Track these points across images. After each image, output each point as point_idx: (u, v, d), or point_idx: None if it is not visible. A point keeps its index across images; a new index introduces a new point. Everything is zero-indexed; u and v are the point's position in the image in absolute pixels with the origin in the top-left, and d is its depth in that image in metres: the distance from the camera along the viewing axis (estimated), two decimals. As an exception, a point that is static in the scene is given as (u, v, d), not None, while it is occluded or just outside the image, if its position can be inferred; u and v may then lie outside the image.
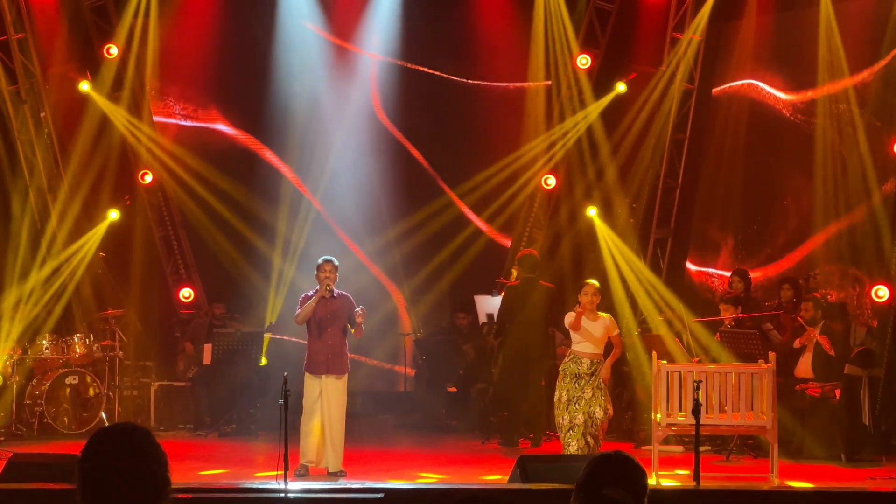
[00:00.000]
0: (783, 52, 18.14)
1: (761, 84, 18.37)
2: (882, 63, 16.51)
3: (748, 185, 18.35)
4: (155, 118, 19.06)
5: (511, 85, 19.75)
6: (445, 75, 19.81)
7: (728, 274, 17.12)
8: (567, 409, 13.13)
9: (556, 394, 13.32)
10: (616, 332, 13.44)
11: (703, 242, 18.82)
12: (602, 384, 13.17)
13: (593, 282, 13.55)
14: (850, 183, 16.71)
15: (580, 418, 13.02)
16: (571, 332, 13.45)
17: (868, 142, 16.52)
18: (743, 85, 18.56)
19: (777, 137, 18.27)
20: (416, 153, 19.74)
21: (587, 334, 13.25)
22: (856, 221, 16.69)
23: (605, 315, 13.44)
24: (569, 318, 13.39)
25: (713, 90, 18.81)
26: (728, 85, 18.75)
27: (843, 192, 16.81)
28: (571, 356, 13.37)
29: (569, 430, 13.08)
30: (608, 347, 13.39)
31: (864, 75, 16.76)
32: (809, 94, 17.70)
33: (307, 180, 19.22)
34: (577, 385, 13.14)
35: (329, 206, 19.20)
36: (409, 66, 19.61)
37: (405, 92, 19.51)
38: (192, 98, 19.58)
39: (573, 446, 13.04)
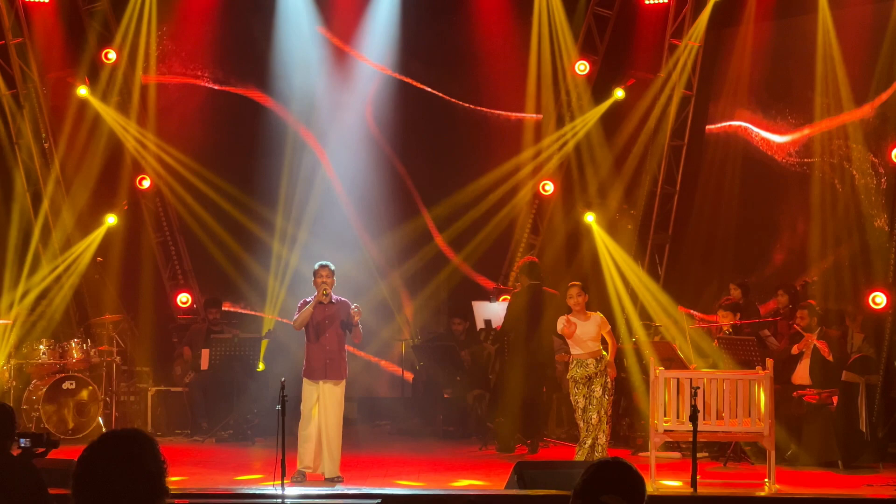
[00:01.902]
0: (780, 63, 18.16)
1: (752, 127, 18.48)
2: (881, 98, 16.53)
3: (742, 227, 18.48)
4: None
5: (512, 115, 19.75)
6: (437, 93, 19.84)
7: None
8: (584, 413, 13.47)
9: (573, 401, 13.63)
10: (608, 328, 13.76)
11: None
12: (609, 383, 13.52)
13: (576, 283, 13.91)
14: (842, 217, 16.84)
15: (594, 418, 13.38)
16: (568, 340, 13.64)
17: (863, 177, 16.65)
18: (734, 127, 18.68)
19: (771, 180, 18.37)
20: (401, 169, 19.68)
21: (583, 336, 13.53)
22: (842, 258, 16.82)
23: (595, 313, 13.75)
24: (560, 325, 13.64)
25: (706, 128, 18.92)
26: (720, 125, 18.84)
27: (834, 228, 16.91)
28: (575, 362, 13.59)
29: (585, 431, 13.46)
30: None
31: (865, 110, 16.77)
32: (806, 132, 17.79)
33: (302, 181, 19.17)
34: (589, 388, 13.48)
35: (327, 205, 19.17)
36: (403, 78, 19.60)
37: (400, 106, 19.48)
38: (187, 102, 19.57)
39: (587, 443, 13.38)
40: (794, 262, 17.66)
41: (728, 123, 18.88)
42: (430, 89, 19.82)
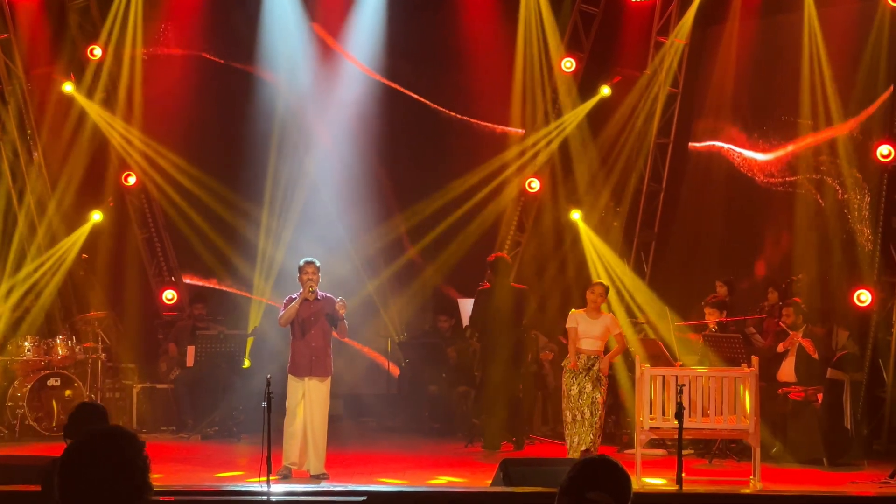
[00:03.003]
0: (765, 73, 18.19)
1: (735, 147, 18.54)
2: (866, 113, 16.57)
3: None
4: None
5: (497, 128, 19.75)
6: (424, 100, 19.87)
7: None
8: (573, 404, 13.72)
9: (563, 390, 13.94)
10: (618, 330, 14.09)
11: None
12: (602, 377, 13.78)
13: (602, 282, 14.40)
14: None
15: (587, 412, 13.65)
16: (573, 331, 13.98)
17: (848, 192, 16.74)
18: (717, 147, 18.76)
19: (755, 199, 18.46)
20: (386, 168, 19.66)
21: (585, 334, 13.90)
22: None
23: (607, 314, 14.12)
24: (569, 319, 14.07)
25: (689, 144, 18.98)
26: (704, 143, 18.90)
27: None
28: (578, 355, 13.92)
29: (572, 424, 13.71)
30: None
31: (851, 124, 16.78)
32: (790, 148, 17.84)
33: (288, 178, 19.15)
34: (574, 381, 13.78)
35: (313, 202, 19.15)
36: (391, 84, 19.60)
37: (385, 107, 19.47)
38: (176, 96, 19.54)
39: (575, 440, 13.64)
40: (781, 265, 17.67)
41: (711, 143, 18.94)
42: (416, 96, 19.82)
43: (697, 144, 19.07)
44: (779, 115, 18.09)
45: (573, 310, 14.15)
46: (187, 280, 19.53)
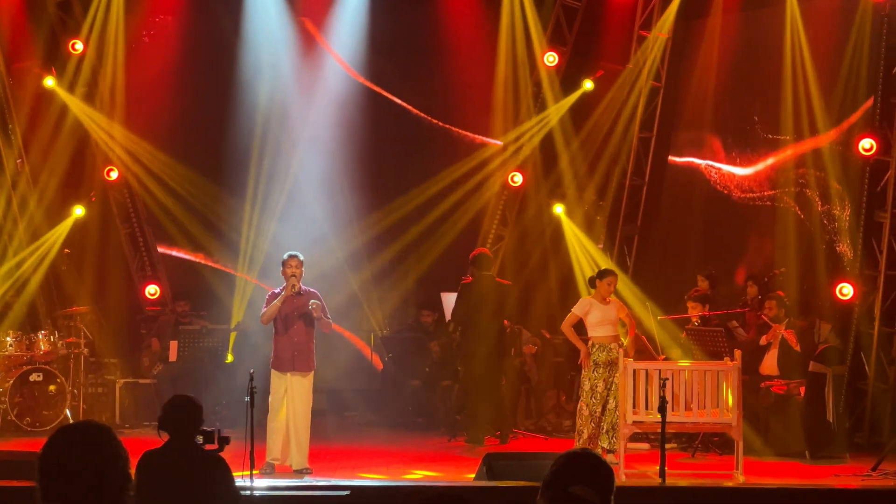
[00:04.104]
0: (747, 58, 18.23)
1: (714, 163, 18.60)
2: (848, 122, 16.59)
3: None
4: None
5: (477, 138, 19.73)
6: (407, 106, 19.87)
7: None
8: (602, 398, 13.74)
9: (588, 384, 13.87)
10: (626, 311, 14.37)
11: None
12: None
13: (613, 270, 14.62)
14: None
15: (612, 404, 13.72)
16: (585, 319, 14.11)
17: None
18: (696, 164, 18.83)
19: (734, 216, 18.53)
20: (369, 162, 19.63)
21: (605, 320, 14.01)
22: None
23: (614, 298, 14.31)
24: (582, 306, 14.11)
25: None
26: (683, 159, 18.95)
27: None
28: (597, 346, 13.94)
29: (590, 419, 13.76)
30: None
31: (832, 134, 16.79)
32: (770, 161, 17.90)
33: (271, 173, 19.12)
34: (611, 372, 13.79)
35: (296, 196, 19.13)
36: (373, 87, 19.60)
37: (367, 107, 19.47)
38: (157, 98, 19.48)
39: (584, 434, 13.76)
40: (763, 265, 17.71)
41: (690, 160, 18.99)
42: (398, 100, 19.82)
43: (677, 159, 19.11)
44: (759, 130, 18.12)
45: (584, 297, 14.19)
46: (173, 251, 19.44)
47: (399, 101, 19.85)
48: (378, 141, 19.59)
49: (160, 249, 19.43)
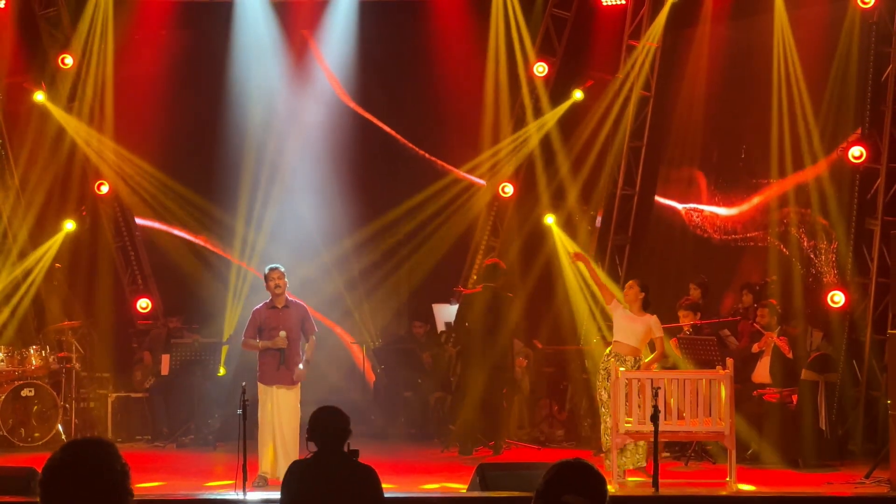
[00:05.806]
0: (736, 68, 18.29)
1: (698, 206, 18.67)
2: (832, 157, 16.65)
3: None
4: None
5: (463, 176, 19.73)
6: (394, 133, 19.94)
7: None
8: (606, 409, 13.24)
9: (602, 394, 13.37)
10: (660, 335, 13.50)
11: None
12: None
13: (632, 282, 14.01)
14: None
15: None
16: (614, 321, 13.63)
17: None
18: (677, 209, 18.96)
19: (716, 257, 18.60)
20: (360, 173, 19.65)
21: (622, 327, 13.43)
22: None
23: (651, 316, 13.55)
24: (614, 305, 13.73)
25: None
26: (666, 201, 19.08)
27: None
28: (613, 354, 13.43)
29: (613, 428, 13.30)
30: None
31: (820, 166, 16.79)
32: (755, 200, 17.96)
33: (262, 187, 19.13)
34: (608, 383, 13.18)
35: (287, 210, 19.13)
36: (361, 111, 19.67)
37: (355, 125, 19.52)
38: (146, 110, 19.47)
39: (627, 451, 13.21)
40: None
41: (672, 203, 19.08)
42: (387, 128, 19.92)
43: (661, 200, 19.17)
44: (746, 168, 18.27)
45: (618, 298, 13.94)
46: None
47: (387, 127, 19.91)
48: (367, 157, 19.64)
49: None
